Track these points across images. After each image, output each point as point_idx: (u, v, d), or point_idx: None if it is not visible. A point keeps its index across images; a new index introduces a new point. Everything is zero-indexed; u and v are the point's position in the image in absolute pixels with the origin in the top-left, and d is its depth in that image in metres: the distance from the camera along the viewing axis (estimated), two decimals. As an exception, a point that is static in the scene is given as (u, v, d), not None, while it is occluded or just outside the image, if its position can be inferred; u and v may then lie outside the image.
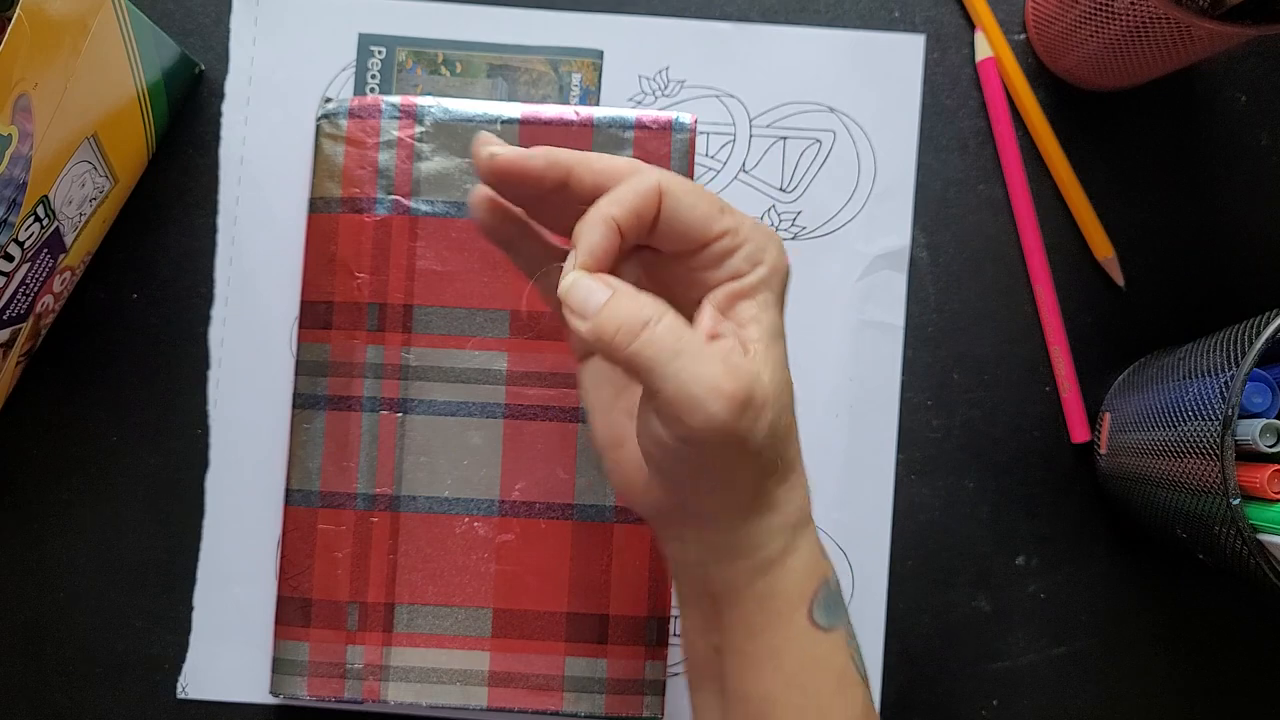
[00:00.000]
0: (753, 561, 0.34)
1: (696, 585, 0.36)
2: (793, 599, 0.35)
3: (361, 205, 0.46)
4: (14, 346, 0.44)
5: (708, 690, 0.36)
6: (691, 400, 0.31)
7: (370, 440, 0.46)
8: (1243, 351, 0.37)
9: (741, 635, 0.35)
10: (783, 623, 0.35)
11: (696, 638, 0.36)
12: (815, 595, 0.35)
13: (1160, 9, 0.39)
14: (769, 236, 0.34)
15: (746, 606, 0.35)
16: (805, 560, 0.35)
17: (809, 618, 0.35)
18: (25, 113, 0.37)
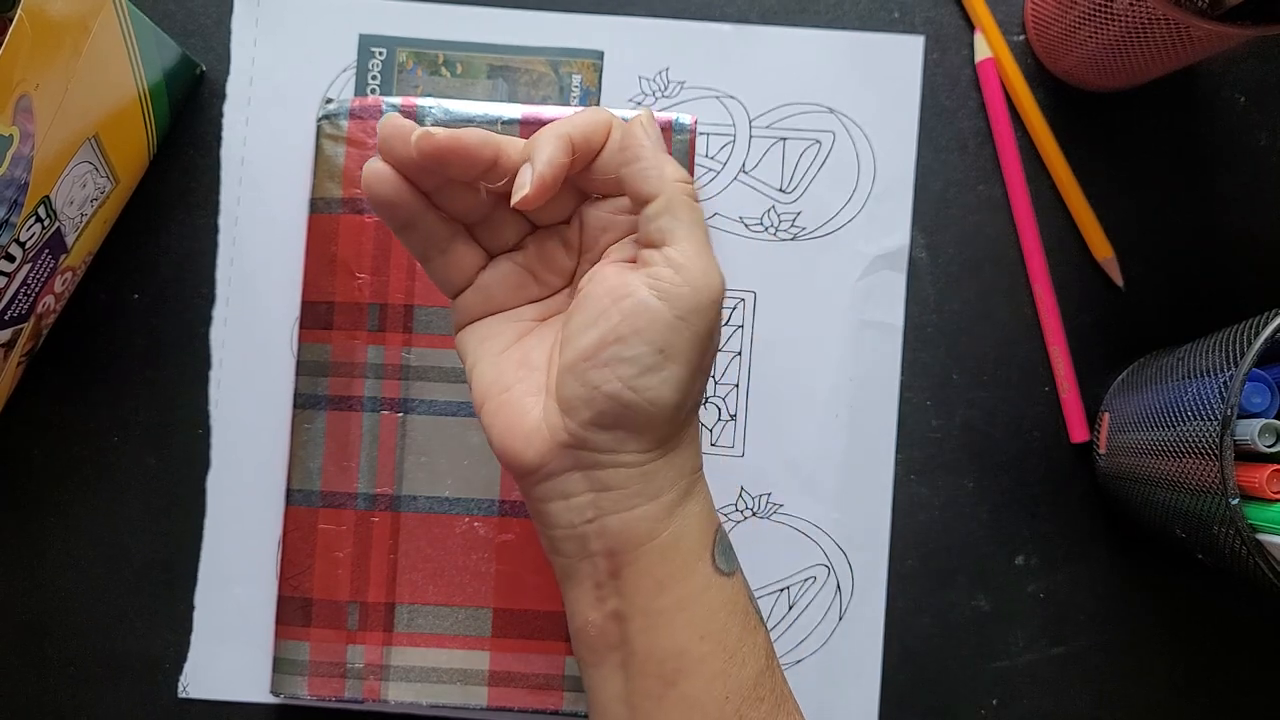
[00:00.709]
0: (658, 505, 0.34)
1: (587, 547, 0.35)
2: (696, 547, 0.35)
3: (362, 206, 0.46)
4: (15, 347, 0.44)
5: (606, 665, 0.35)
6: (707, 268, 0.33)
7: (371, 440, 0.46)
8: (1242, 351, 0.37)
9: (648, 592, 0.34)
10: (689, 573, 0.35)
11: (589, 610, 0.35)
12: (715, 541, 0.36)
13: (1159, 9, 0.39)
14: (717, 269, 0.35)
15: (651, 559, 0.34)
16: (704, 506, 0.36)
17: (712, 564, 0.35)
18: (26, 113, 0.37)
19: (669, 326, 0.33)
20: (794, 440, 0.48)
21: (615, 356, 0.33)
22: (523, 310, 0.38)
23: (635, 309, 0.33)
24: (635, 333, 0.33)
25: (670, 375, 0.33)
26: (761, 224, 0.49)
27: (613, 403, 0.33)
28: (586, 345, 0.33)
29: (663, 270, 0.33)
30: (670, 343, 0.33)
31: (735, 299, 0.48)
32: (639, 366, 0.33)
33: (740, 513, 0.48)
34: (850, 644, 0.47)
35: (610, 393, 0.33)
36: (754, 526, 0.48)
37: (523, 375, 0.36)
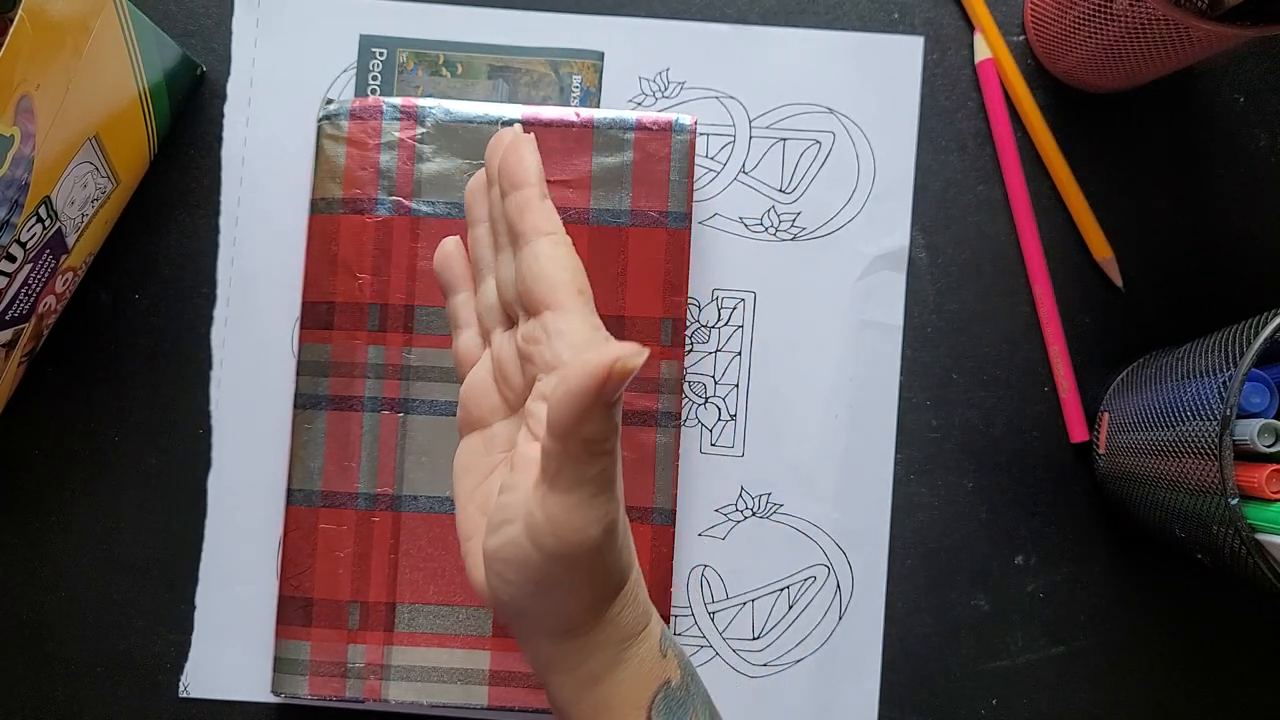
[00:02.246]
0: (578, 675, 0.34)
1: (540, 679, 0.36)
2: (625, 710, 0.34)
3: (363, 206, 0.46)
4: (16, 347, 0.44)
5: None
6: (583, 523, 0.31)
7: (371, 440, 0.46)
8: (1241, 352, 0.37)
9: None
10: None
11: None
12: (653, 703, 0.35)
13: (1159, 10, 0.39)
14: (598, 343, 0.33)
15: (581, 713, 0.34)
16: (636, 672, 0.35)
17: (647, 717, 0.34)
18: (27, 114, 0.37)
19: (541, 570, 0.32)
20: (794, 440, 0.48)
21: (501, 574, 0.33)
22: (495, 430, 0.37)
23: (511, 542, 0.32)
24: (511, 565, 0.32)
25: (555, 599, 0.33)
26: (761, 224, 0.49)
27: (511, 608, 0.33)
28: (486, 549, 0.33)
29: (536, 515, 0.31)
30: (545, 578, 0.32)
31: (735, 299, 0.48)
32: (519, 591, 0.32)
33: (740, 513, 0.48)
34: (850, 643, 0.47)
35: (503, 599, 0.33)
36: (754, 526, 0.48)
37: (480, 524, 0.36)
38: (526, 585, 0.32)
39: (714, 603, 0.48)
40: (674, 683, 0.35)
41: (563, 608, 0.33)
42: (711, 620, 0.47)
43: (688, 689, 0.36)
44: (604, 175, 0.46)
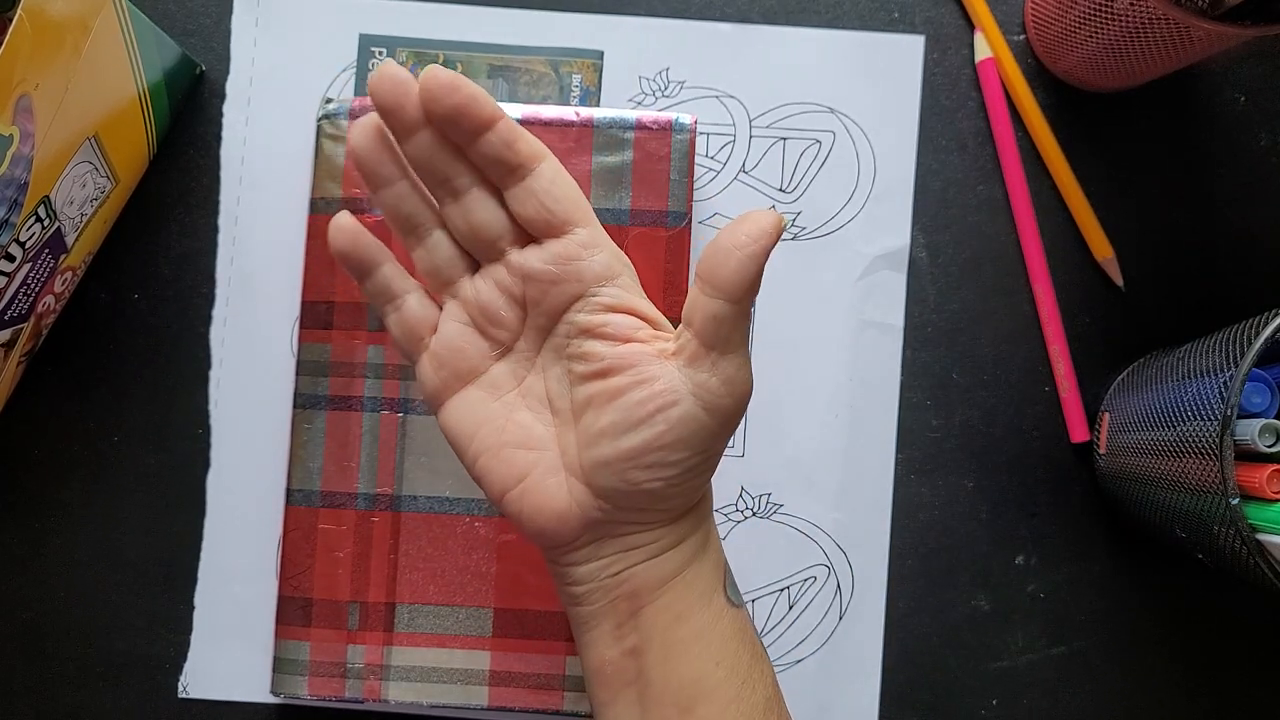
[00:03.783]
0: (680, 551, 0.36)
1: (610, 594, 0.36)
2: (711, 581, 0.37)
3: (362, 205, 0.46)
4: (15, 346, 0.44)
5: (622, 700, 0.36)
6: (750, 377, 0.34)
7: (371, 440, 0.46)
8: (1242, 351, 0.37)
9: (666, 625, 0.35)
10: (706, 604, 0.36)
11: (607, 649, 0.36)
12: (726, 575, 0.38)
13: (1159, 9, 0.39)
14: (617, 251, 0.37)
15: (672, 595, 0.36)
16: (717, 544, 0.38)
17: (725, 596, 0.37)
18: (26, 113, 0.37)
19: (713, 435, 0.34)
20: (794, 440, 0.48)
21: (660, 461, 0.34)
22: (492, 375, 0.37)
23: (683, 420, 0.33)
24: (681, 441, 0.34)
25: (708, 466, 0.35)
26: (761, 224, 0.49)
27: (652, 496, 0.35)
28: (629, 448, 0.34)
29: (711, 382, 0.33)
30: (712, 447, 0.35)
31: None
32: (683, 469, 0.34)
33: (740, 513, 0.48)
34: (850, 644, 0.47)
35: (651, 490, 0.34)
36: (754, 526, 0.48)
37: (534, 458, 0.36)
38: (694, 458, 0.34)
39: (714, 603, 0.47)
40: (731, 567, 0.39)
41: (707, 473, 0.36)
42: (711, 620, 0.47)
43: (732, 575, 0.39)
44: (604, 174, 0.46)
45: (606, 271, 0.35)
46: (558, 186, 0.35)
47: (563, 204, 0.35)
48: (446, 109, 0.34)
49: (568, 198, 0.35)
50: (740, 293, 0.33)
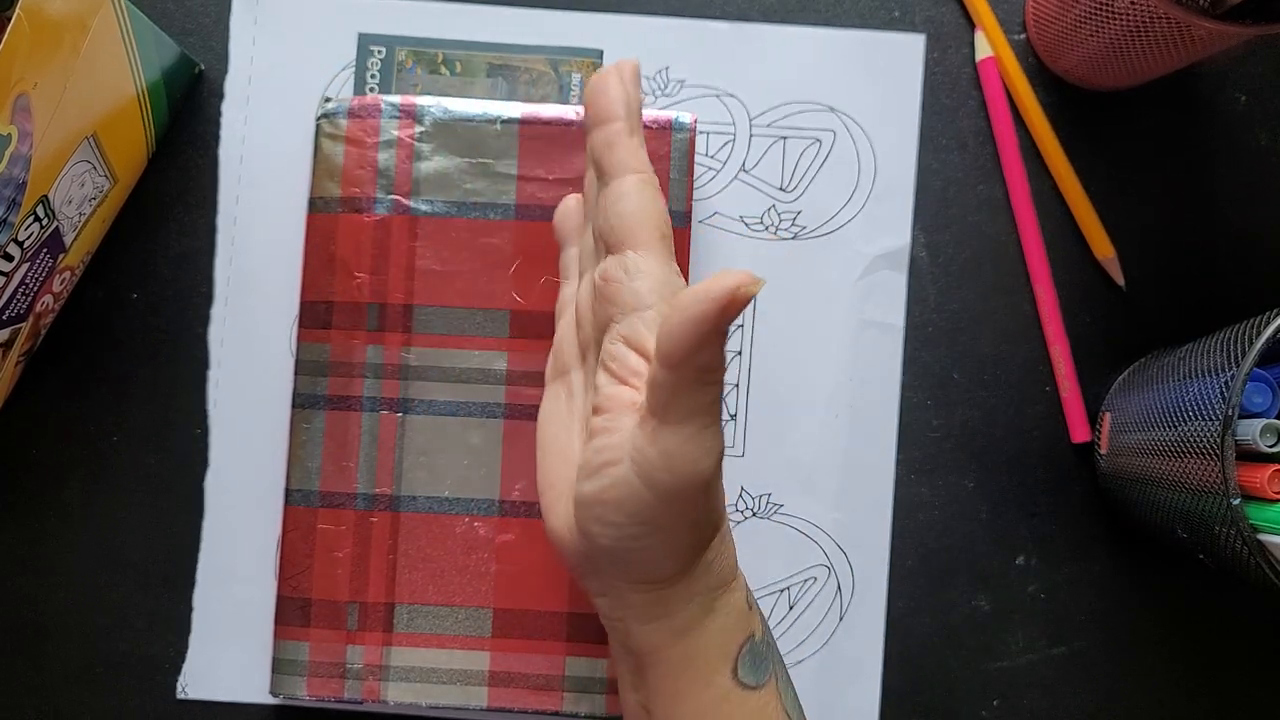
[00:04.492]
0: (668, 624, 0.34)
1: (621, 640, 0.35)
2: (713, 660, 0.34)
3: (361, 205, 0.46)
4: (13, 346, 0.44)
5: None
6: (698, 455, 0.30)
7: (370, 440, 0.46)
8: (1243, 351, 0.37)
9: (666, 698, 0.34)
10: (705, 685, 0.34)
11: (627, 692, 0.36)
12: (739, 653, 0.34)
13: (1160, 8, 0.39)
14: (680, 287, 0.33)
15: (668, 668, 0.34)
16: (726, 621, 0.34)
17: (733, 677, 0.34)
18: (25, 112, 0.37)
19: (652, 509, 0.31)
20: (794, 440, 0.48)
21: (602, 518, 0.32)
22: (572, 378, 0.37)
23: (620, 482, 0.31)
24: (618, 505, 0.31)
25: (658, 542, 0.32)
26: (761, 223, 0.49)
27: (609, 554, 0.33)
28: (583, 494, 0.32)
29: (648, 452, 0.30)
30: (654, 520, 0.31)
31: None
32: (625, 535, 0.32)
33: (740, 513, 0.48)
34: (850, 644, 0.47)
35: (604, 546, 0.33)
36: (754, 526, 0.48)
37: (563, 473, 0.35)
38: (631, 527, 0.31)
39: (714, 603, 0.47)
40: (757, 637, 0.35)
41: (663, 550, 0.32)
42: (711, 621, 0.47)
43: (769, 644, 0.35)
44: (603, 174, 0.46)
45: (636, 301, 0.32)
46: (624, 203, 0.33)
47: (623, 221, 0.33)
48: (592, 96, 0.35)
49: (631, 215, 0.33)
50: (675, 359, 0.29)
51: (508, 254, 0.46)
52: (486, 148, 0.46)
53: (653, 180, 0.34)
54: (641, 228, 0.33)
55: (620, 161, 0.34)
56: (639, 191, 0.34)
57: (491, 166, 0.46)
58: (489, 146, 0.46)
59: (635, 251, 0.33)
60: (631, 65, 0.35)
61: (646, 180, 0.34)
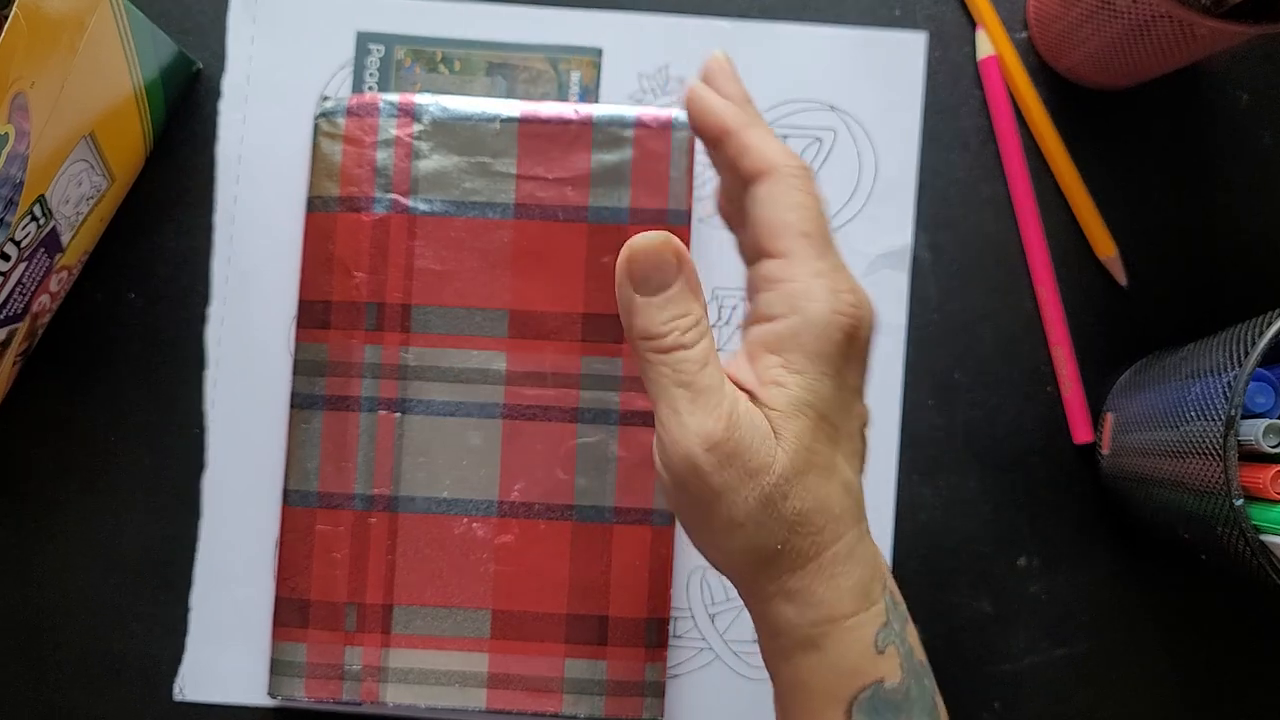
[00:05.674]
0: (775, 643, 0.31)
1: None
2: (820, 697, 0.31)
3: (360, 204, 0.46)
4: (10, 346, 0.44)
5: None
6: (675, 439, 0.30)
7: (368, 440, 0.45)
8: (1246, 351, 0.37)
9: (780, 713, 0.32)
10: (813, 717, 0.31)
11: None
12: (856, 697, 0.31)
13: (1162, 7, 0.39)
14: (825, 293, 0.30)
15: (779, 686, 0.32)
16: (837, 661, 0.31)
17: (846, 717, 0.31)
18: (22, 111, 0.36)
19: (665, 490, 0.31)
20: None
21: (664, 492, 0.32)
22: None
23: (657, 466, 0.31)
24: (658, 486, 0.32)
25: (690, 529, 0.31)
26: (762, 223, 0.48)
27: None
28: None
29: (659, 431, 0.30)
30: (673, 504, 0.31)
31: (736, 298, 0.48)
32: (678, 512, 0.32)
33: (740, 513, 0.47)
34: (851, 645, 0.47)
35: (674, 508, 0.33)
36: (754, 527, 0.47)
37: None
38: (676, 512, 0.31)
39: (714, 605, 0.47)
40: (889, 684, 0.31)
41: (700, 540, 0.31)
42: (712, 622, 0.47)
43: (908, 693, 0.32)
44: (603, 172, 0.46)
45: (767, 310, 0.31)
46: (763, 209, 0.32)
47: (763, 228, 0.32)
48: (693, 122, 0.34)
49: (768, 223, 0.32)
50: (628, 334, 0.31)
51: (507, 253, 0.46)
52: (485, 146, 0.46)
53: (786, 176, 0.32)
54: (782, 231, 0.31)
55: (755, 162, 0.32)
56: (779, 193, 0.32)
57: (490, 165, 0.46)
58: (488, 145, 0.46)
59: (775, 259, 0.31)
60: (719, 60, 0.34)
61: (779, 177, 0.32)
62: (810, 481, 0.30)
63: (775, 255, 0.31)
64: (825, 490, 0.30)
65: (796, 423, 0.30)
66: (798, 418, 0.30)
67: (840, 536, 0.30)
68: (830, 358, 0.30)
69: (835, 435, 0.30)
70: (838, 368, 0.30)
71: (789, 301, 0.30)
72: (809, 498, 0.30)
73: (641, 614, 0.45)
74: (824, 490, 0.30)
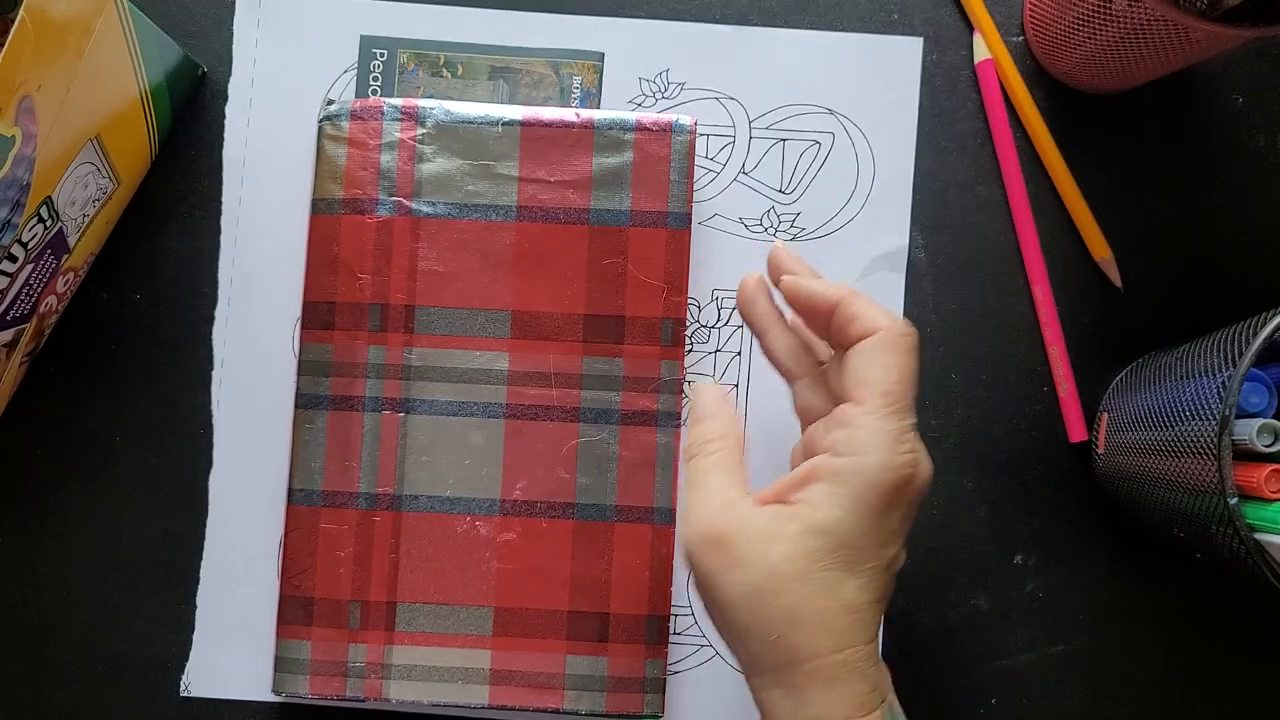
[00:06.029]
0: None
1: None
2: None
3: (363, 206, 0.46)
4: (17, 347, 0.44)
5: None
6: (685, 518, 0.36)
7: (372, 440, 0.46)
8: (1240, 351, 0.37)
9: None
10: None
11: None
12: None
13: (1158, 11, 0.39)
14: (887, 444, 0.34)
15: None
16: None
17: None
18: (29, 114, 0.37)
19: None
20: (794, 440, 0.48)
21: None
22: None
23: None
24: None
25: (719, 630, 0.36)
26: (761, 224, 0.49)
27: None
28: None
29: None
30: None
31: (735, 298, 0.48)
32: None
33: (740, 512, 0.48)
34: (850, 643, 0.47)
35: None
36: (754, 526, 0.48)
37: None
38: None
39: (714, 602, 0.48)
40: None
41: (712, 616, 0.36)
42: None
43: None
44: (604, 176, 0.46)
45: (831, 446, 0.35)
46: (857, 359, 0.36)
47: (851, 377, 0.35)
48: (798, 305, 0.39)
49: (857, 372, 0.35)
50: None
51: (509, 255, 0.46)
52: (488, 150, 0.46)
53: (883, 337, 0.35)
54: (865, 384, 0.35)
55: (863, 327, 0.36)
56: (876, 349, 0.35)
57: (493, 168, 0.46)
58: (490, 148, 0.46)
59: (854, 406, 0.35)
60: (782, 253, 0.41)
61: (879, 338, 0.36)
62: (808, 590, 0.33)
63: (855, 400, 0.35)
64: (824, 603, 0.33)
65: (809, 540, 0.33)
66: (812, 536, 0.33)
67: (841, 649, 0.33)
68: (870, 503, 0.33)
69: (852, 563, 0.33)
70: (877, 511, 0.33)
71: (854, 445, 0.34)
72: (804, 604, 0.33)
73: (642, 611, 0.45)
74: (823, 602, 0.33)
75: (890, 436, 0.34)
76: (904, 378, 0.35)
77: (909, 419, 0.34)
